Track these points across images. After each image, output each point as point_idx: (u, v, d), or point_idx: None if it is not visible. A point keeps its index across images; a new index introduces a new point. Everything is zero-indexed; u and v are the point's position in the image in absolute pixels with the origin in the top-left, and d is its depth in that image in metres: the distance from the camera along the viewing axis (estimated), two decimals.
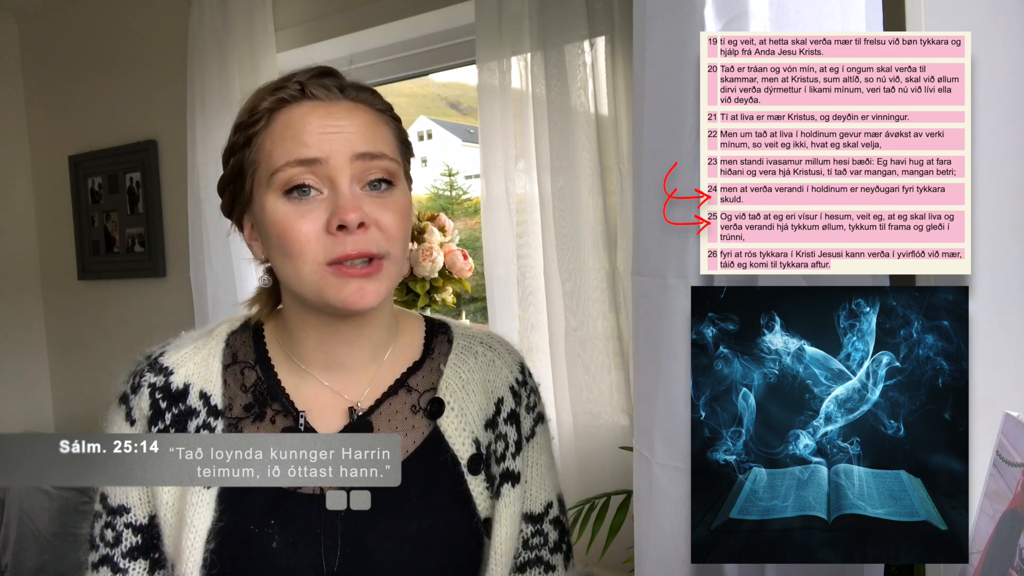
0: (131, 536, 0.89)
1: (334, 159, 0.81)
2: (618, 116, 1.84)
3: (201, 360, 0.90)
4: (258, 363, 0.91)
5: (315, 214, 0.81)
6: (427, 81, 2.79)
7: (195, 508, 0.84)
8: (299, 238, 0.81)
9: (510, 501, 0.90)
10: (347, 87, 0.86)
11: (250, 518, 0.84)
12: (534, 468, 0.95)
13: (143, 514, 0.89)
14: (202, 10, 2.46)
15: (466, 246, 2.33)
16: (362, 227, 0.80)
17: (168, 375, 0.89)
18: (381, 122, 0.87)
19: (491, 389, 0.93)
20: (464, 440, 0.89)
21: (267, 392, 0.89)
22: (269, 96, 0.85)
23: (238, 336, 0.94)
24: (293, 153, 0.81)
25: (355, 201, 0.81)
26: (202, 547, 0.83)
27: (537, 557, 0.94)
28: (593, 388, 1.89)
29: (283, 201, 0.82)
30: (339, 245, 0.80)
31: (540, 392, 0.99)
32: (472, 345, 0.95)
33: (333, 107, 0.84)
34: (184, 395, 0.88)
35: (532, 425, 0.95)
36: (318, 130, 0.82)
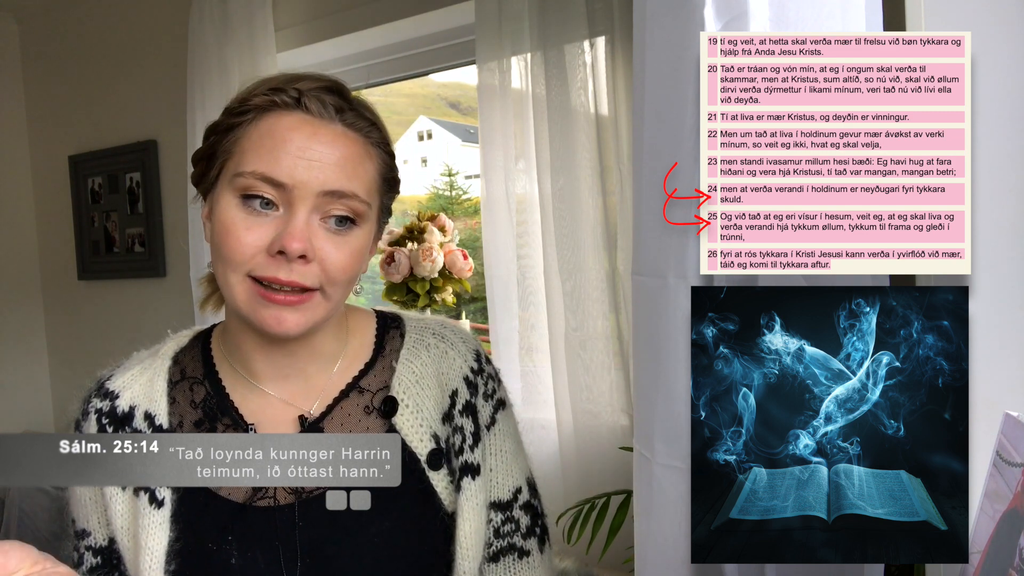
0: (91, 558, 0.90)
1: (300, 189, 0.78)
2: (618, 116, 1.84)
3: (146, 381, 0.90)
4: (207, 378, 0.90)
5: (263, 229, 0.78)
6: (427, 81, 2.79)
7: (148, 531, 0.84)
8: (238, 247, 0.78)
9: (471, 494, 0.89)
10: (347, 110, 0.82)
11: (207, 536, 0.83)
12: (498, 456, 0.93)
13: (102, 537, 0.89)
14: (202, 10, 2.46)
15: (466, 246, 2.33)
16: (303, 259, 0.78)
17: (114, 399, 0.89)
18: (367, 157, 0.83)
19: (445, 382, 0.91)
20: (421, 436, 0.88)
21: (216, 407, 0.88)
22: (264, 94, 0.81)
23: (187, 352, 0.93)
24: (263, 167, 0.78)
25: (305, 232, 0.78)
26: (161, 569, 0.83)
27: (510, 544, 0.93)
28: (593, 388, 1.89)
29: (237, 204, 0.79)
30: (272, 268, 0.78)
31: (500, 377, 0.96)
32: (424, 337, 0.93)
33: (321, 129, 0.80)
34: (130, 418, 0.88)
35: (492, 412, 0.93)
36: (296, 152, 0.78)
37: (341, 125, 0.82)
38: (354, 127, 0.82)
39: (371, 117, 0.85)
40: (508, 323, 2.02)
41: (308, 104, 0.81)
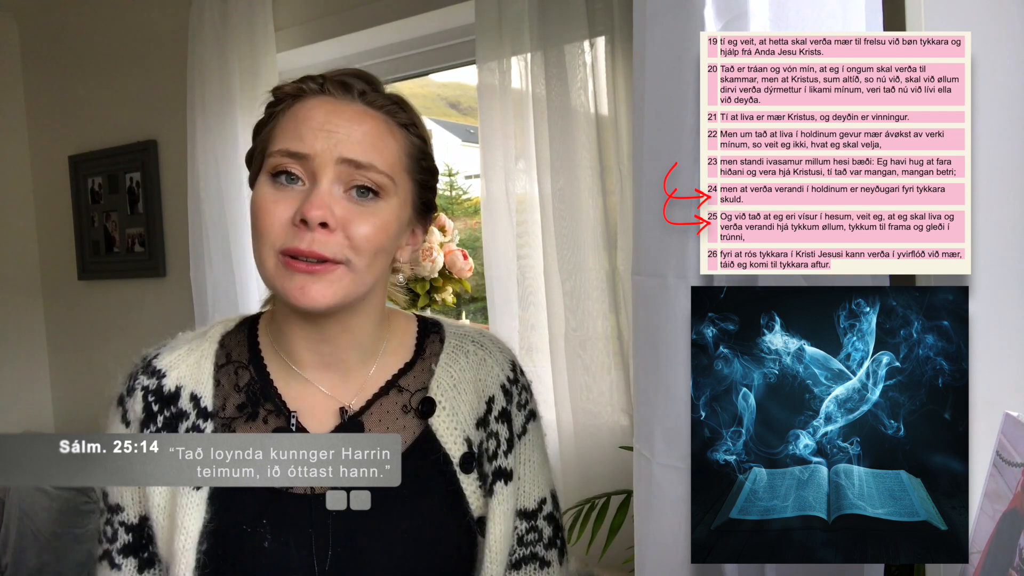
0: (124, 534, 0.90)
1: (320, 157, 0.81)
2: (618, 116, 1.84)
3: (194, 362, 0.91)
4: (251, 363, 0.91)
5: (289, 202, 0.81)
6: (427, 81, 2.79)
7: (185, 510, 0.84)
8: (268, 220, 0.81)
9: (503, 499, 0.90)
10: (369, 92, 0.86)
11: (243, 518, 0.84)
12: (527, 465, 0.95)
13: (134, 514, 0.90)
14: (202, 10, 2.46)
15: (466, 246, 2.33)
16: (324, 227, 0.80)
17: (161, 378, 0.89)
18: (388, 134, 0.86)
19: (482, 388, 0.93)
20: (456, 439, 0.89)
21: (260, 392, 0.89)
22: (294, 84, 0.86)
23: (233, 336, 0.94)
24: (287, 143, 0.82)
25: (326, 200, 0.80)
26: (194, 549, 0.84)
27: (532, 553, 0.94)
28: (593, 388, 1.89)
29: (269, 184, 0.83)
30: (295, 238, 0.80)
31: (532, 389, 0.99)
32: (464, 344, 0.95)
33: (342, 107, 0.84)
34: (176, 398, 0.89)
35: (524, 423, 0.95)
36: (317, 127, 0.82)
37: (362, 104, 0.85)
38: (375, 105, 0.86)
39: (397, 100, 0.88)
40: (508, 323, 2.02)
41: (331, 88, 0.85)
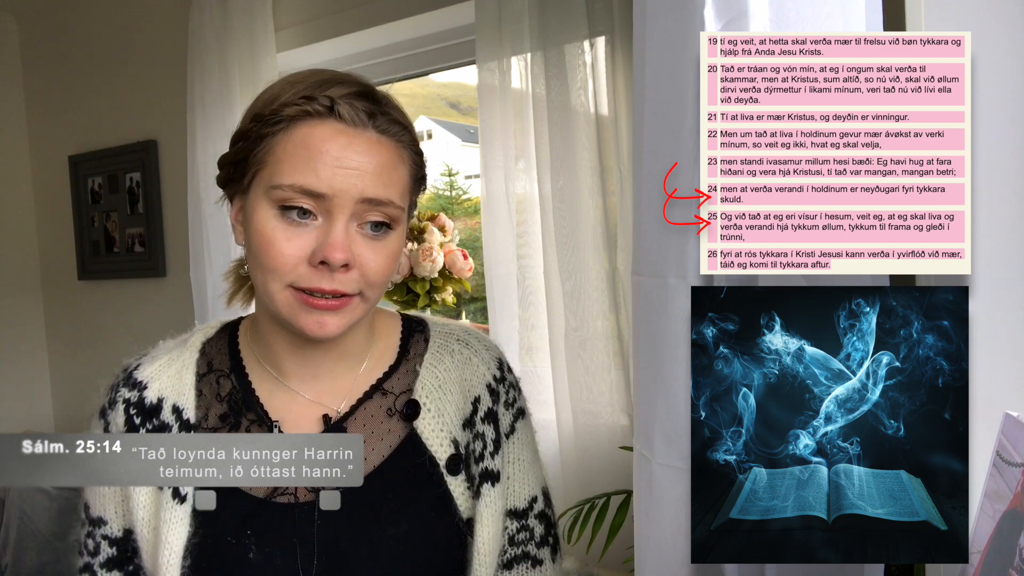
0: (107, 548, 0.89)
1: (338, 198, 0.78)
2: (618, 116, 1.84)
3: (175, 372, 0.90)
4: (233, 372, 0.90)
5: (303, 240, 0.79)
6: (427, 81, 2.79)
7: (169, 525, 0.84)
8: (279, 257, 0.78)
9: (491, 500, 0.89)
10: (378, 115, 0.81)
11: (227, 530, 0.84)
12: (516, 464, 0.94)
13: (118, 527, 0.89)
14: (202, 10, 2.46)
15: (466, 246, 2.33)
16: (344, 267, 0.79)
17: (142, 390, 0.89)
18: (400, 162, 0.83)
19: (468, 388, 0.92)
20: (442, 441, 0.89)
21: (242, 401, 0.88)
22: (295, 104, 0.80)
23: (214, 344, 0.93)
24: (301, 179, 0.78)
25: (345, 241, 0.78)
26: (179, 564, 0.83)
27: (524, 552, 0.93)
28: (593, 388, 1.89)
29: (276, 215, 0.79)
30: (315, 278, 0.79)
31: (521, 386, 0.97)
32: (448, 343, 0.94)
33: (356, 137, 0.80)
34: (158, 410, 0.88)
35: (512, 421, 0.94)
36: (332, 163, 0.78)
37: (375, 132, 0.81)
38: (387, 133, 0.82)
39: (402, 120, 0.85)
40: (508, 323, 2.02)
41: (341, 112, 0.80)
